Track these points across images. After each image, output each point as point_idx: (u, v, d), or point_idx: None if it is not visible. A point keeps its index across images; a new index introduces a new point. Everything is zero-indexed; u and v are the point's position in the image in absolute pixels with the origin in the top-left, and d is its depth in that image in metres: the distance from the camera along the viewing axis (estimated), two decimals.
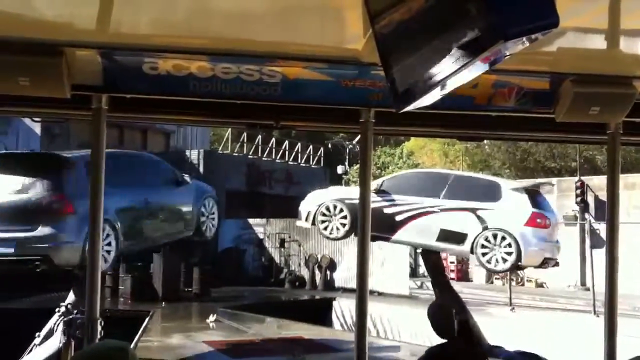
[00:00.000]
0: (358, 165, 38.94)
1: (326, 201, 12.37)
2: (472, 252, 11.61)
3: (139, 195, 11.04)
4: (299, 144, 34.91)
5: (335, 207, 12.19)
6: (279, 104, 3.58)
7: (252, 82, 3.40)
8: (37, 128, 26.17)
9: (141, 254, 21.87)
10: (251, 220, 28.51)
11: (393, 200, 12.05)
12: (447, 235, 11.51)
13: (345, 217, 11.99)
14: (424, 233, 11.87)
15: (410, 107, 2.26)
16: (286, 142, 34.07)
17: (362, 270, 3.72)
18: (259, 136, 32.61)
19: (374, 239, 13.10)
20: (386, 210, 11.93)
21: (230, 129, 32.03)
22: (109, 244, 9.72)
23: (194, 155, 29.81)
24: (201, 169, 29.52)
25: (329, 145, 48.68)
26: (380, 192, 12.03)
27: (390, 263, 24.17)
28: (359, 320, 3.73)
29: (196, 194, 12.58)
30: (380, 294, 23.70)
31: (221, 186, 29.69)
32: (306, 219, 12.65)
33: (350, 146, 48.31)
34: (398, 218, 12.02)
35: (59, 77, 3.05)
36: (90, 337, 3.37)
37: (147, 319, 17.44)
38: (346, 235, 12.19)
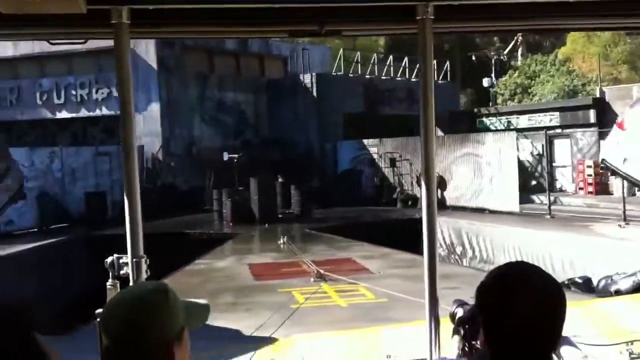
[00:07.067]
0: (506, 77, 36.97)
1: None
2: None
3: None
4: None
5: None
6: (323, 5, 3.12)
7: None
8: (153, 62, 27.60)
9: (242, 178, 22.86)
10: (366, 141, 28.34)
11: None
12: None
13: None
14: None
15: None
16: (405, 58, 32.85)
17: (429, 188, 3.27)
18: (374, 55, 31.81)
19: None
20: None
21: (342, 50, 31.63)
22: None
23: (307, 79, 29.86)
24: (314, 93, 29.58)
25: (473, 58, 46.52)
26: None
27: (499, 179, 23.02)
28: (429, 243, 3.27)
29: None
30: (491, 211, 22.80)
31: (336, 109, 29.74)
32: None
33: (496, 57, 45.83)
34: None
35: None
36: (135, 276, 3.13)
37: (229, 242, 18.32)
38: None
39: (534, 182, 29.50)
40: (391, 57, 32.13)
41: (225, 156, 25.78)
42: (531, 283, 1.73)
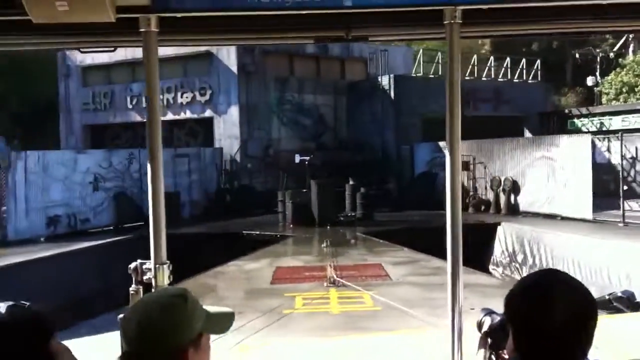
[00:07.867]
0: (612, 75, 34.88)
1: None
2: None
3: None
4: (508, 59, 32.31)
5: None
6: (349, 11, 3.07)
7: None
8: (233, 67, 28.39)
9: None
10: (442, 144, 27.71)
11: None
12: None
13: None
14: None
15: None
16: (491, 58, 31.84)
17: (454, 194, 3.36)
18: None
19: None
20: None
21: (421, 51, 31.07)
22: None
23: (385, 81, 29.63)
24: (392, 95, 29.32)
25: (577, 56, 44.35)
26: None
27: (572, 184, 21.85)
28: (453, 251, 3.28)
29: None
30: (563, 218, 21.73)
31: (415, 110, 29.34)
32: None
33: (602, 54, 43.43)
34: None
35: None
36: (158, 282, 3.19)
37: (278, 243, 18.57)
38: None
39: (625, 187, 27.70)
40: (475, 56, 31.19)
41: (297, 158, 26.12)
42: (561, 292, 1.71)
